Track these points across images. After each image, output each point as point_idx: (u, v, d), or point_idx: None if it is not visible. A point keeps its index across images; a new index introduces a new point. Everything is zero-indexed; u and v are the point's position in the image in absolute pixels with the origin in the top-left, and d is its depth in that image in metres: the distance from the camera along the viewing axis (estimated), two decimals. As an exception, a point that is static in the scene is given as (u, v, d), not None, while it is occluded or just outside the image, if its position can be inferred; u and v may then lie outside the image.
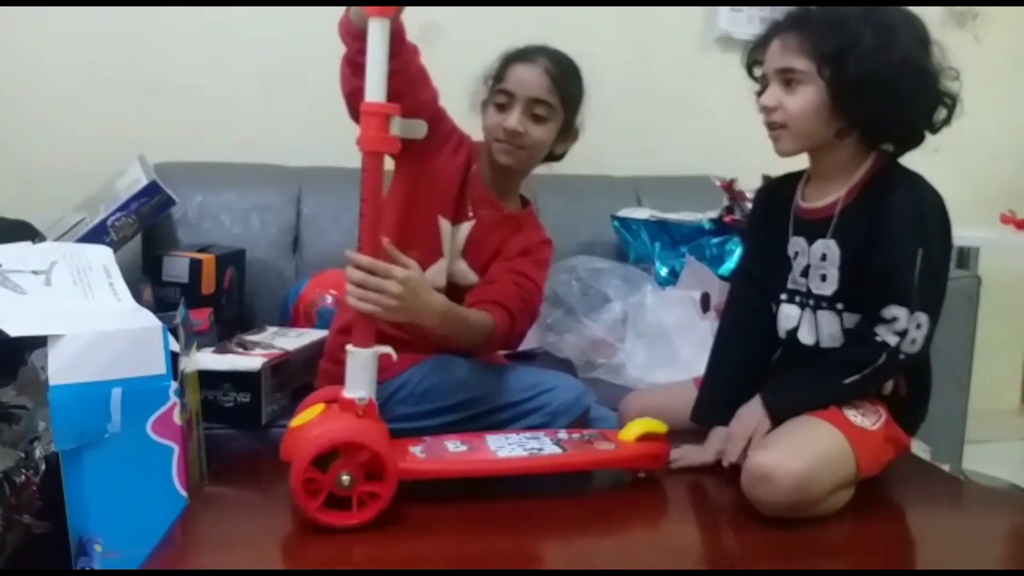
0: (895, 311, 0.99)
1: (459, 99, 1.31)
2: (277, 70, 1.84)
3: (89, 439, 0.93)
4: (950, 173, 1.09)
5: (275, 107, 1.86)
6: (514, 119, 1.19)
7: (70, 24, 1.74)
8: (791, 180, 1.15)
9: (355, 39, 1.11)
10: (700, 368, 1.52)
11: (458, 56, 1.31)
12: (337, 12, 1.10)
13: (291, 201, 1.72)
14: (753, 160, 1.94)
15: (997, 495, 1.20)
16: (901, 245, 1.00)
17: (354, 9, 1.08)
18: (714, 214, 1.74)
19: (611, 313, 1.64)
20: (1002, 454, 2.31)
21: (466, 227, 1.25)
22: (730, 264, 1.68)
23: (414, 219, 1.21)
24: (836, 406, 1.02)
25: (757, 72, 1.11)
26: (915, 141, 1.05)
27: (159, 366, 0.97)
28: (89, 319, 0.98)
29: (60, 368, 0.92)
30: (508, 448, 1.04)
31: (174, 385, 0.97)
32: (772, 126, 1.06)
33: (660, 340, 1.59)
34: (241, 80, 1.84)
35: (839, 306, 1.06)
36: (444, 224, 1.22)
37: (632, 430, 1.07)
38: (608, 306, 1.66)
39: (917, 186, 1.03)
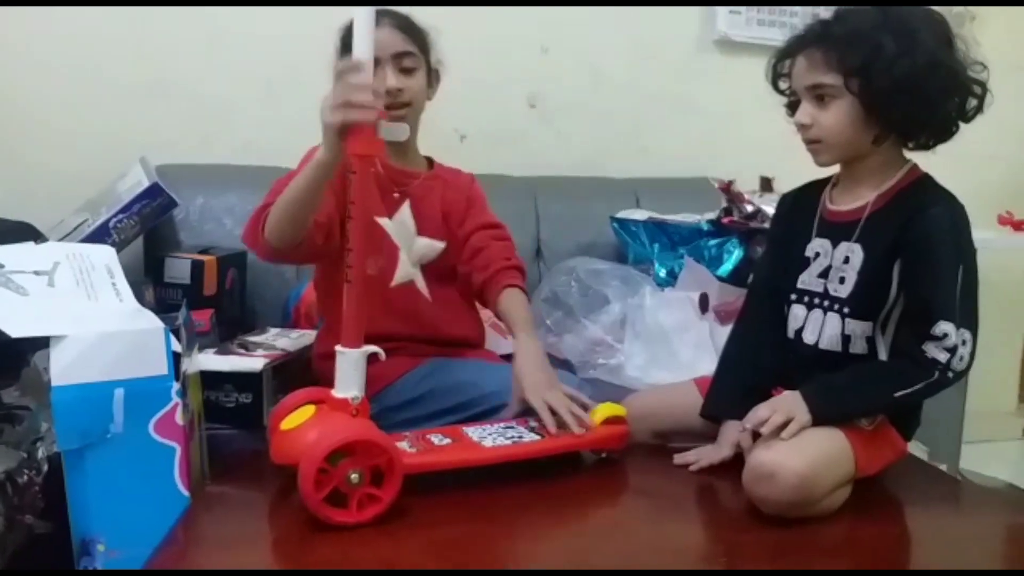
0: (945, 327, 0.99)
1: (457, 101, 1.31)
2: (279, 71, 1.85)
3: (91, 439, 0.93)
4: (948, 174, 1.10)
5: (277, 109, 1.86)
6: (391, 78, 1.20)
7: (72, 25, 1.74)
8: (817, 185, 1.16)
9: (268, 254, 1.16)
10: (699, 368, 1.54)
11: (457, 57, 1.32)
12: (340, 12, 1.09)
13: (292, 203, 1.72)
14: (751, 161, 1.97)
15: (994, 495, 1.21)
16: (944, 264, 1.01)
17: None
18: (712, 215, 1.75)
19: (610, 314, 1.65)
20: (1000, 454, 2.33)
21: (405, 209, 1.27)
22: (728, 265, 1.69)
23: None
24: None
25: (782, 85, 1.12)
26: (950, 134, 1.05)
27: (161, 367, 0.97)
28: (92, 320, 0.98)
29: (62, 369, 0.92)
30: (491, 438, 1.06)
31: (176, 386, 0.97)
32: (809, 142, 1.07)
33: (659, 341, 1.59)
34: (243, 82, 1.84)
35: (846, 310, 1.07)
36: (384, 222, 1.24)
37: (596, 415, 1.12)
38: (607, 307, 1.66)
39: (951, 204, 1.04)
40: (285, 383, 1.30)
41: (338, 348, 0.98)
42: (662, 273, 1.76)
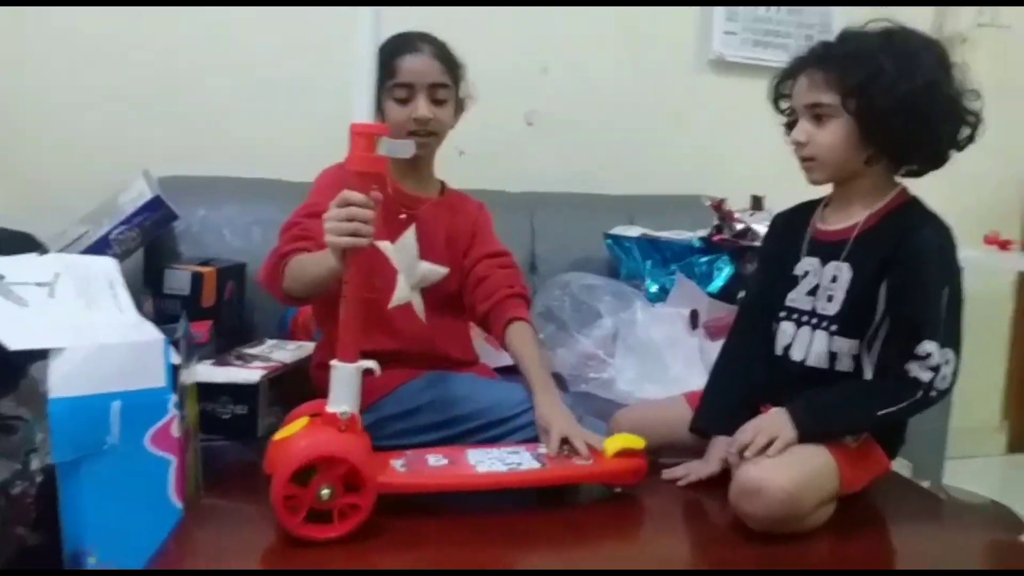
0: (928, 347, 1.00)
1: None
2: (281, 84, 1.86)
3: (87, 451, 0.93)
4: (935, 195, 1.12)
5: (278, 120, 1.88)
6: (423, 108, 1.23)
7: (75, 36, 1.75)
8: (809, 206, 1.19)
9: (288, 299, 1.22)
10: (689, 383, 1.55)
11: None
12: (342, 26, 1.09)
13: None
14: (742, 180, 2.00)
15: (977, 511, 1.23)
16: (930, 284, 1.03)
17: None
18: (703, 233, 1.77)
19: (602, 329, 1.67)
20: (983, 470, 2.35)
21: (410, 233, 1.28)
22: (718, 282, 1.71)
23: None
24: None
25: (783, 105, 1.14)
26: (942, 161, 1.08)
27: (159, 379, 0.98)
28: (91, 331, 0.99)
29: (60, 380, 0.93)
30: (488, 463, 1.06)
31: (174, 398, 0.98)
32: (804, 159, 1.10)
33: (650, 355, 1.61)
34: (245, 94, 1.85)
35: (833, 328, 1.09)
36: (385, 246, 1.25)
37: (611, 445, 1.09)
38: (599, 322, 1.68)
39: (939, 227, 1.06)
40: (282, 395, 1.32)
41: (333, 363, 1.00)
42: (653, 289, 1.77)
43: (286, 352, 1.39)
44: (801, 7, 2.15)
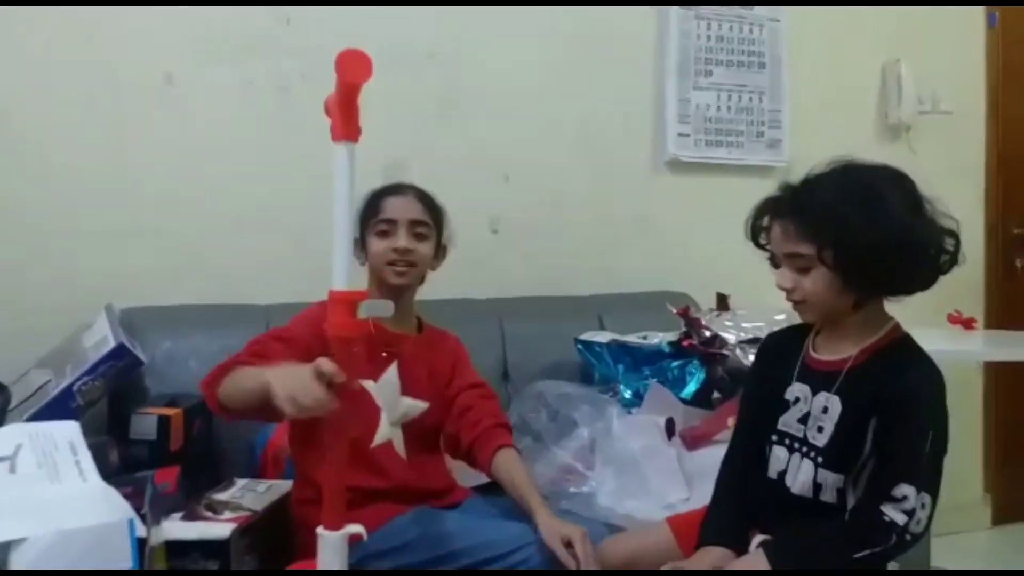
0: (906, 490, 1.01)
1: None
2: (248, 208, 1.86)
3: (50, 640, 0.91)
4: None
5: (245, 246, 1.87)
6: (403, 239, 1.31)
7: (34, 166, 1.72)
8: (803, 329, 1.18)
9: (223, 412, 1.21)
10: (668, 495, 1.54)
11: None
12: (306, 150, 1.09)
13: (259, 342, 1.72)
14: (705, 273, 2.05)
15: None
16: (915, 428, 1.03)
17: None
18: (672, 337, 1.79)
19: (579, 440, 1.66)
20: (969, 545, 2.35)
21: (392, 370, 1.30)
22: (692, 387, 1.72)
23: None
24: None
25: (762, 241, 1.14)
26: (929, 284, 1.08)
27: (124, 559, 0.96)
28: (54, 510, 0.97)
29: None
30: None
31: (140, 578, 0.96)
32: (794, 303, 1.11)
33: (628, 467, 1.60)
34: (211, 219, 1.84)
35: (820, 459, 1.09)
36: (368, 385, 1.26)
37: None
38: (576, 432, 1.67)
39: (930, 369, 1.07)
40: (256, 541, 1.28)
41: (319, 531, 0.99)
42: (627, 394, 1.78)
43: (257, 496, 1.35)
44: (751, 105, 2.25)
